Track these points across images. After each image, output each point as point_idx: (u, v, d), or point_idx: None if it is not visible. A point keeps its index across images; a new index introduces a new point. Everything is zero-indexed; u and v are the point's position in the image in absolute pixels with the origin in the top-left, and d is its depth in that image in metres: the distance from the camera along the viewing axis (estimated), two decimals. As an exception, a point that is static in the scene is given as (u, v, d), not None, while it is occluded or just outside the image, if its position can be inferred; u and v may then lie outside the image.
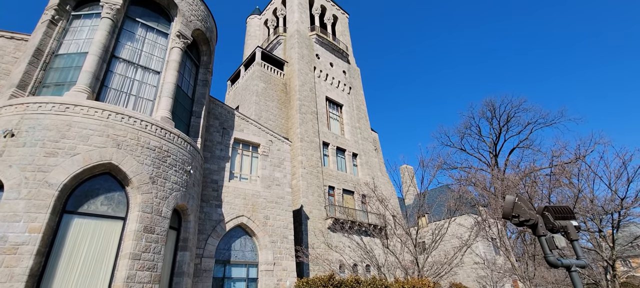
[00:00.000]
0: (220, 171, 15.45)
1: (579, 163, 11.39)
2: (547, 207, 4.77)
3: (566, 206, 4.96)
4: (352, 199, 27.21)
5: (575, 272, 4.31)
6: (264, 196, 16.56)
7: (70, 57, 10.91)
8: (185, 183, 11.31)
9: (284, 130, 27.71)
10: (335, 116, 31.61)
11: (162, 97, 11.76)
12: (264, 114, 27.31)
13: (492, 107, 42.64)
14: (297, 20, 34.06)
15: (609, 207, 8.54)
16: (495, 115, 42.52)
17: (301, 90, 28.94)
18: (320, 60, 33.16)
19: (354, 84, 35.16)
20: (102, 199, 9.06)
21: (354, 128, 31.79)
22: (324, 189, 25.29)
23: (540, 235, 4.28)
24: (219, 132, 16.34)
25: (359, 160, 30.22)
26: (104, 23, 11.11)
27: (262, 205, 16.23)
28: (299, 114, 27.24)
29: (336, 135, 29.58)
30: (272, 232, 16.00)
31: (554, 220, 4.59)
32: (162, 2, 13.17)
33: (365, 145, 31.55)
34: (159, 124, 10.76)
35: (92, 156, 8.91)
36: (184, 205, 11.17)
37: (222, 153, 15.95)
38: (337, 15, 40.08)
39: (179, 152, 11.30)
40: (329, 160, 27.73)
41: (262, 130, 18.12)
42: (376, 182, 28.62)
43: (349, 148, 29.74)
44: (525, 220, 4.25)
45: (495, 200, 12.72)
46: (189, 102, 14.15)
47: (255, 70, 29.95)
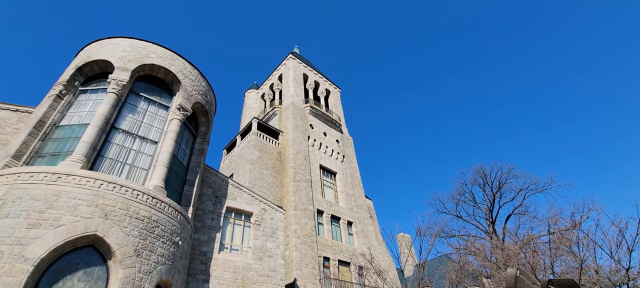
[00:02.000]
0: (210, 242, 14.80)
1: (577, 231, 11.25)
2: (551, 280, 4.59)
3: (571, 279, 4.78)
4: (348, 271, 25.77)
5: None
6: (255, 269, 15.64)
7: (71, 128, 11.14)
8: (172, 256, 10.73)
9: (278, 199, 27.33)
10: (329, 184, 31.57)
11: (157, 166, 11.78)
12: (258, 182, 27.19)
13: (483, 173, 43.15)
14: (292, 94, 35.96)
15: (615, 278, 8.21)
16: (487, 181, 42.83)
17: (295, 158, 29.31)
18: (314, 130, 34.23)
19: (347, 152, 35.86)
20: (80, 275, 8.46)
21: (348, 195, 31.54)
22: (319, 261, 24.07)
23: (547, 311, 4.05)
24: (212, 200, 16.06)
25: (355, 229, 29.38)
26: (108, 97, 11.60)
27: (253, 279, 15.24)
28: (293, 182, 27.17)
29: (330, 203, 29.20)
30: (262, 311, 14.77)
31: (559, 295, 4.39)
32: (167, 78, 13.97)
33: (360, 212, 30.99)
34: (151, 193, 10.59)
35: (77, 227, 8.56)
36: (169, 280, 10.45)
37: (214, 222, 15.46)
38: (329, 89, 42.56)
39: (169, 222, 10.94)
40: (324, 229, 26.91)
41: (255, 199, 17.86)
42: (373, 252, 27.46)
43: (343, 216, 29.11)
44: (530, 294, 4.05)
45: (497, 271, 12.19)
46: (183, 171, 14.14)
47: (251, 139, 30.62)
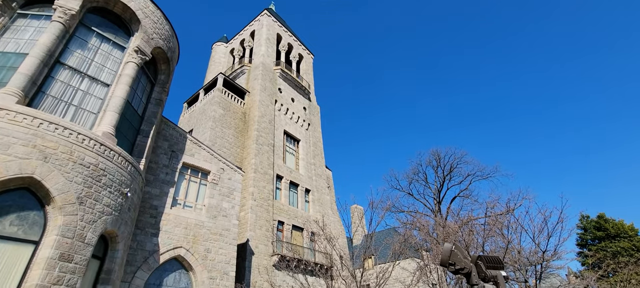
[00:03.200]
0: (163, 196, 14.39)
1: (509, 216, 12.47)
2: (480, 256, 5.10)
3: (497, 256, 5.35)
4: (301, 236, 26.68)
5: (502, 322, 4.57)
6: (208, 227, 15.60)
7: (6, 56, 9.85)
8: (119, 207, 10.30)
9: (238, 160, 26.98)
10: (291, 150, 31.66)
11: (107, 111, 10.94)
12: (218, 140, 26.49)
13: (437, 156, 45.84)
14: (263, 53, 34.64)
15: (533, 258, 9.38)
16: (440, 164, 45.65)
17: (260, 120, 28.81)
18: (282, 95, 33.63)
19: (313, 121, 35.90)
20: (12, 218, 7.86)
21: (309, 164, 31.98)
22: (273, 224, 24.57)
23: (473, 284, 4.53)
24: (167, 154, 15.43)
25: (312, 197, 30.13)
26: (53, 27, 10.31)
27: (205, 237, 15.23)
28: (256, 145, 26.86)
29: (291, 169, 29.46)
30: (212, 268, 14.93)
31: (485, 270, 4.91)
32: (124, 15, 12.67)
33: (318, 182, 31.70)
34: (99, 140, 9.89)
35: (10, 167, 7.83)
36: (114, 231, 10.09)
37: (168, 177, 14.97)
38: (302, 54, 41.57)
39: (118, 172, 10.39)
40: (281, 194, 27.29)
41: (214, 157, 17.46)
42: (326, 220, 28.55)
43: (302, 184, 29.63)
44: (461, 268, 4.49)
45: (437, 245, 13.30)
46: (138, 120, 13.31)
47: (216, 95, 29.39)
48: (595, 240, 35.95)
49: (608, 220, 36.66)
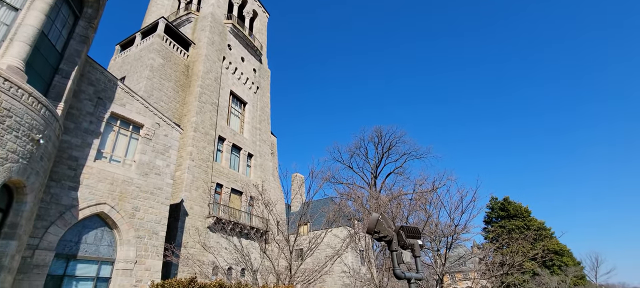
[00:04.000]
0: (85, 147, 12.98)
1: (433, 194, 13.81)
2: (402, 226, 5.62)
3: (416, 227, 5.94)
4: (239, 200, 26.50)
5: (414, 284, 5.18)
6: (138, 184, 14.62)
7: None
8: (28, 155, 9.05)
9: (177, 117, 25.26)
10: (237, 113, 30.54)
11: (15, 41, 9.27)
12: (156, 93, 24.34)
13: (379, 133, 48.22)
14: (213, 3, 31.92)
15: (446, 231, 10.67)
16: (381, 141, 48.18)
17: (205, 77, 27.02)
18: (231, 52, 31.74)
19: (262, 84, 34.80)
20: None
21: (254, 128, 31.29)
22: (211, 186, 23.94)
23: (392, 250, 5.00)
24: (92, 101, 13.79)
25: (254, 162, 29.80)
26: None
27: (134, 194, 14.28)
28: (198, 102, 25.30)
29: (234, 132, 28.55)
30: (139, 226, 14.19)
31: (405, 238, 5.43)
32: None
33: (262, 147, 31.37)
34: (3, 73, 8.41)
35: None
36: (21, 181, 8.91)
37: (92, 127, 13.48)
38: (257, 12, 39.28)
39: (27, 115, 9.03)
40: (222, 157, 26.48)
41: (149, 110, 16.10)
42: (267, 185, 28.67)
43: (245, 148, 29.04)
44: (384, 236, 4.91)
45: (368, 216, 14.27)
46: (56, 57, 11.53)
47: (155, 42, 26.58)
48: (498, 219, 42.01)
49: (511, 203, 42.92)
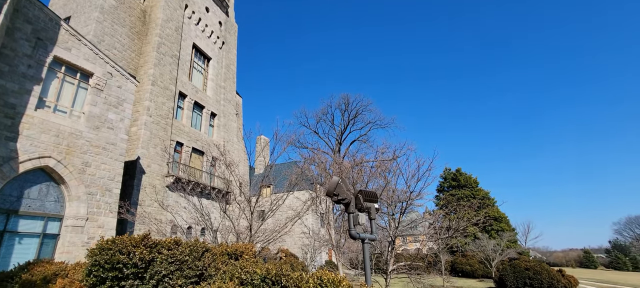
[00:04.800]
0: (24, 94, 11.69)
1: (393, 162, 14.38)
2: (360, 190, 5.85)
3: (374, 192, 6.21)
4: (200, 160, 25.85)
5: (367, 244, 5.49)
6: (88, 138, 13.62)
7: None
8: (-48, 97, 7.96)
9: (133, 68, 23.35)
10: (200, 68, 28.87)
11: None
12: (108, 38, 22.13)
13: (347, 101, 48.55)
14: (173, -56, 28.79)
15: (402, 197, 11.33)
16: (347, 108, 48.67)
17: (165, 26, 24.92)
18: (195, 0, 29.34)
19: (228, 40, 32.93)
20: None
21: (218, 86, 29.95)
22: (171, 144, 22.99)
23: (350, 212, 5.22)
24: (31, 42, 12.25)
25: (217, 121, 28.86)
26: None
27: (83, 149, 13.33)
28: (157, 53, 23.47)
29: (197, 89, 27.15)
30: (91, 182, 13.42)
31: (363, 202, 5.67)
32: None
33: (227, 107, 30.33)
34: None
35: None
36: (-54, 126, 7.89)
37: (31, 71, 12.07)
38: (223, -40, 36.18)
39: (-53, 51, 7.82)
40: (183, 114, 25.29)
41: (99, 57, 14.69)
42: (230, 146, 28.12)
43: (208, 106, 27.89)
44: (343, 198, 5.09)
45: (329, 180, 14.63)
46: (-20, -15, 9.91)
47: (104, -19, 23.71)
48: (450, 188, 45.29)
49: (462, 174, 46.25)
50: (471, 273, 26.41)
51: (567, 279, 16.14)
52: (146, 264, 4.41)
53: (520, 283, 15.69)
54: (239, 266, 3.77)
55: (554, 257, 71.43)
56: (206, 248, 4.64)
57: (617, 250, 78.23)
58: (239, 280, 3.62)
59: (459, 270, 27.33)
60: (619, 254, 75.08)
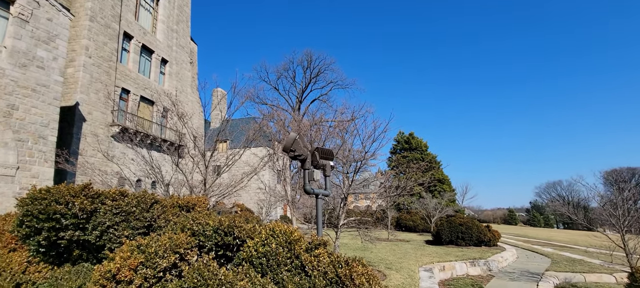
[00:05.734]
0: None
1: (351, 123, 14.67)
2: (317, 148, 5.94)
3: (330, 150, 6.35)
4: (150, 110, 24.19)
5: (320, 199, 5.70)
6: (14, 77, 11.95)
7: None
8: None
9: (66, -2, 20.31)
10: (148, 7, 25.97)
11: None
12: (31, -40, 18.75)
13: (309, 58, 47.55)
14: None
15: (357, 156, 11.76)
16: (310, 66, 47.81)
17: (103, -47, 21.64)
18: None
19: (180, -21, 29.70)
20: None
21: (170, 30, 27.40)
22: (116, 90, 21.07)
23: (305, 168, 5.32)
24: None
25: (169, 69, 26.79)
26: None
27: (8, 89, 11.72)
28: (94, -15, 20.54)
29: (145, 30, 24.61)
30: (20, 128, 12.00)
31: (319, 159, 5.79)
32: None
33: (180, 54, 28.11)
34: None
35: None
36: None
37: None
38: None
39: None
40: (129, 58, 23.03)
41: (21, -18, 12.51)
42: (183, 97, 26.56)
43: (159, 52, 25.60)
44: (299, 154, 5.14)
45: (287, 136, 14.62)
46: None
47: None
48: (402, 150, 47.90)
49: (415, 138, 48.92)
50: (413, 228, 29.04)
51: (492, 233, 18.49)
52: (88, 215, 4.17)
53: (453, 237, 17.65)
54: (190, 218, 3.73)
55: (485, 214, 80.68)
56: (155, 199, 4.48)
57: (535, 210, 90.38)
58: (191, 231, 3.60)
59: (403, 225, 29.87)
60: (536, 213, 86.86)
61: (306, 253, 3.09)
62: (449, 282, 11.32)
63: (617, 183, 13.06)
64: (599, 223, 11.69)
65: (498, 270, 13.35)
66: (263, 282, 2.77)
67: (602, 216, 11.54)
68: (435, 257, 13.80)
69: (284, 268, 3.00)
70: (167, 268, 3.04)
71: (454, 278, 11.85)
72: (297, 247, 3.14)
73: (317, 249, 3.23)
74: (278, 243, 3.10)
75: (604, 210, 11.18)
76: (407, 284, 9.27)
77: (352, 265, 3.10)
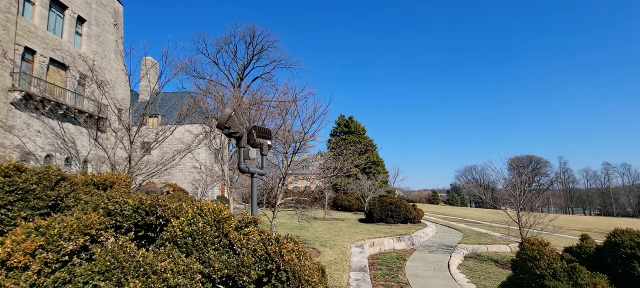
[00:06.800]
0: None
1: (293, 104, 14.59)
2: (255, 126, 5.79)
3: (268, 129, 6.24)
4: (62, 76, 21.01)
5: (255, 178, 5.62)
6: None
7: None
8: None
9: None
10: (59, -46, 22.06)
11: None
12: None
13: (252, 33, 45.65)
14: None
15: (296, 137, 11.81)
16: (252, 42, 45.97)
17: None
18: None
19: None
20: None
21: (88, -15, 23.78)
22: (16, 49, 17.79)
23: (241, 146, 5.16)
24: None
25: (87, 30, 23.39)
26: None
27: None
28: None
29: (55, -19, 20.98)
30: None
31: (256, 138, 5.66)
32: None
33: (101, 13, 24.66)
34: None
35: None
36: None
37: None
38: None
39: None
40: (34, 12, 19.51)
41: None
42: (106, 64, 23.61)
43: (74, 8, 22.11)
44: (234, 132, 4.95)
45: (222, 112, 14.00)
46: None
47: None
48: (342, 133, 49.46)
49: (354, 121, 50.76)
50: (349, 207, 30.55)
51: (417, 211, 20.42)
52: (-28, 193, 3.48)
53: (384, 215, 19.05)
54: (105, 196, 3.37)
55: (412, 195, 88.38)
56: (62, 176, 3.92)
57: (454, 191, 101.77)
58: (106, 210, 3.27)
59: (340, 205, 31.24)
60: (454, 194, 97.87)
61: (235, 231, 3.03)
62: (378, 256, 12.25)
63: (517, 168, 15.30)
64: (502, 202, 13.60)
65: (420, 244, 14.83)
66: (188, 261, 2.65)
67: (504, 196, 13.44)
68: (366, 234, 14.74)
69: (211, 247, 2.90)
70: (75, 252, 2.72)
71: (382, 253, 12.85)
72: (226, 226, 3.06)
73: (248, 227, 3.19)
74: (205, 222, 2.98)
75: (506, 191, 13.04)
76: (340, 260, 9.78)
77: (283, 242, 3.13)
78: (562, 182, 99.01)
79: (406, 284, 8.57)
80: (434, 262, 11.17)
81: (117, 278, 2.30)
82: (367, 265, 9.79)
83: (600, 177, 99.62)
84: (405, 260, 11.52)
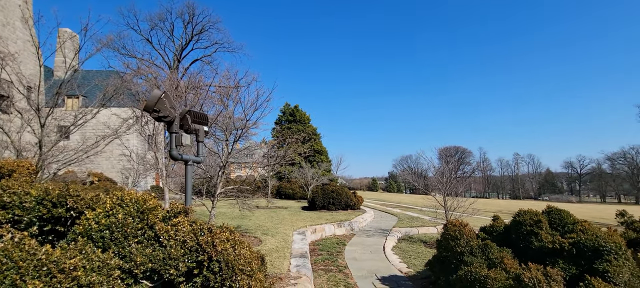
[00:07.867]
0: None
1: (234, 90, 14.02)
2: (190, 111, 5.42)
3: (204, 114, 5.91)
4: (-52, 42, 17.30)
5: (190, 165, 5.30)
6: None
7: None
8: None
9: None
10: None
11: None
12: None
13: (192, 11, 42.55)
14: None
15: (238, 124, 11.40)
16: (192, 21, 42.88)
17: None
18: None
19: None
20: None
21: None
22: None
23: (172, 132, 4.80)
24: None
25: (-18, -10, 19.52)
26: None
27: None
28: None
29: None
30: None
31: (191, 123, 5.31)
32: None
33: (1, -28, 20.74)
34: None
35: None
36: None
37: None
38: None
39: None
40: None
41: None
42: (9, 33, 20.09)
43: (-39, -38, 18.21)
44: (164, 116, 4.58)
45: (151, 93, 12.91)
46: None
47: None
48: (287, 122, 49.20)
49: (299, 110, 50.76)
50: (292, 195, 30.71)
51: (357, 198, 21.39)
52: None
53: (326, 202, 19.56)
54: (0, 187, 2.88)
55: (354, 183, 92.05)
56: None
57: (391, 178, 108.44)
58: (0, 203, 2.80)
59: (283, 193, 31.21)
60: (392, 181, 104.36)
61: (162, 222, 2.82)
62: (319, 242, 12.57)
63: (445, 157, 16.82)
64: (431, 188, 14.87)
65: (359, 229, 15.57)
66: (103, 257, 2.40)
67: (433, 183, 14.71)
68: (308, 221, 15.00)
69: (133, 240, 2.66)
70: (-44, 253, 2.28)
71: (323, 239, 13.21)
72: (151, 216, 2.83)
73: (177, 217, 2.99)
74: (127, 213, 2.71)
75: (435, 178, 14.28)
76: (281, 247, 9.81)
77: (216, 232, 3.01)
78: (482, 170, 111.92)
79: (345, 267, 8.95)
80: (371, 246, 11.83)
81: (11, 280, 1.99)
82: (308, 252, 9.98)
83: (511, 166, 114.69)
84: (345, 245, 12.00)
